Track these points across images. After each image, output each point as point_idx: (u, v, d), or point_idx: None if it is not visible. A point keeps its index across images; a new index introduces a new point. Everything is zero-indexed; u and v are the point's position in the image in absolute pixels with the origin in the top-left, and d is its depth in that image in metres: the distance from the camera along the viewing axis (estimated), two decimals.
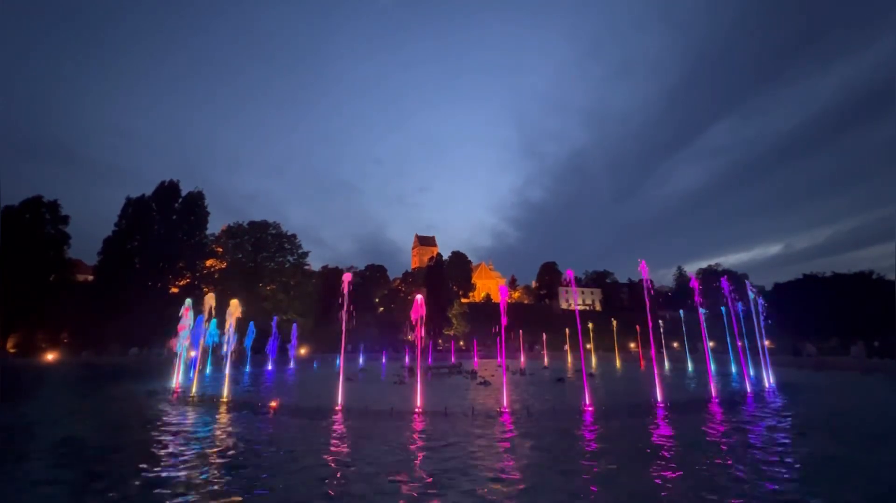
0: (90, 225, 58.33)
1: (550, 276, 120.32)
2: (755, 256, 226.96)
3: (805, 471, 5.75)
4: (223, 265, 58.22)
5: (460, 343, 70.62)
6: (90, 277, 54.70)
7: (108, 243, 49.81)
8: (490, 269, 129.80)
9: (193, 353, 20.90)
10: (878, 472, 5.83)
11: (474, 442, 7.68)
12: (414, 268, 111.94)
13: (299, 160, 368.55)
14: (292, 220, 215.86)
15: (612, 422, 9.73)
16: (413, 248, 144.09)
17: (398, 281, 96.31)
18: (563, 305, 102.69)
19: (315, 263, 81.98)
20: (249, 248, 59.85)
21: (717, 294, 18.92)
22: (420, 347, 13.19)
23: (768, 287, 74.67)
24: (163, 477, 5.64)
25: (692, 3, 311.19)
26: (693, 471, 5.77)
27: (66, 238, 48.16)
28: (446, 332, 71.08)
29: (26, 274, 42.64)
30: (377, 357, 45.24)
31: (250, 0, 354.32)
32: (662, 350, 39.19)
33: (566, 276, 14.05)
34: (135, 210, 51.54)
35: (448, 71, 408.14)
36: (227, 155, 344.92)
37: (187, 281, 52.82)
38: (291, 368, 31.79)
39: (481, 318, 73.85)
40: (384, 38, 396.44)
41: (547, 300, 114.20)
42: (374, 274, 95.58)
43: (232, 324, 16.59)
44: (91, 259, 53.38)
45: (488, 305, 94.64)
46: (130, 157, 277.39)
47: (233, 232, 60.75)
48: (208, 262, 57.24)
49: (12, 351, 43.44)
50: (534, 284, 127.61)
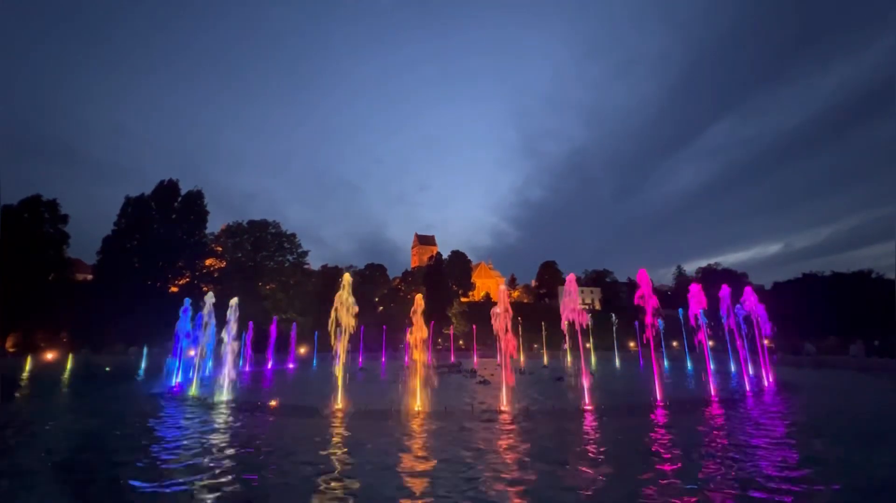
0: (89, 224, 58.32)
1: (550, 276, 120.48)
2: (755, 255, 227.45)
3: (802, 469, 5.75)
4: (223, 264, 58.21)
5: (460, 342, 70.70)
6: (89, 276, 54.66)
7: (108, 242, 49.76)
8: (490, 269, 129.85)
9: (192, 353, 20.90)
10: (874, 471, 5.83)
11: (473, 441, 7.68)
12: (413, 268, 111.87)
13: (299, 159, 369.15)
14: (292, 219, 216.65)
15: (611, 421, 9.73)
16: (413, 248, 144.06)
17: (398, 280, 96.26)
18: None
19: (315, 262, 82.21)
20: (249, 248, 59.91)
21: (717, 295, 18.90)
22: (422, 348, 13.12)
23: (768, 286, 74.71)
24: (161, 476, 5.63)
25: (692, 2, 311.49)
26: (690, 470, 5.77)
27: (65, 237, 48.05)
28: (445, 332, 71.09)
29: (25, 273, 42.58)
30: (377, 356, 45.29)
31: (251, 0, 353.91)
32: (662, 349, 39.25)
33: (568, 285, 13.67)
34: (134, 209, 51.47)
35: (448, 70, 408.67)
36: (227, 154, 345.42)
37: (187, 280, 52.79)
38: (291, 367, 31.80)
39: (481, 318, 73.80)
40: (385, 38, 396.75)
41: (546, 299, 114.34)
42: (374, 273, 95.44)
43: (232, 323, 16.56)
44: (90, 258, 53.39)
45: (488, 304, 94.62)
46: (130, 155, 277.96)
47: (232, 231, 60.78)
48: (208, 262, 57.20)
49: (11, 350, 43.44)
50: (533, 283, 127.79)
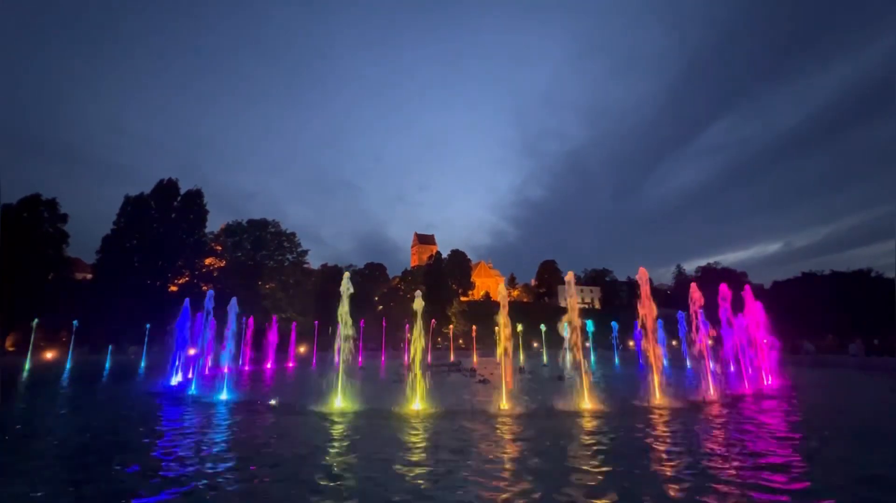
0: (89, 223, 58.31)
1: (549, 275, 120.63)
2: (754, 254, 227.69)
3: (800, 469, 5.76)
4: (222, 263, 58.20)
5: (459, 341, 70.76)
6: (89, 275, 54.64)
7: (107, 241, 49.77)
8: (489, 268, 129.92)
9: (192, 352, 20.91)
10: (871, 470, 5.84)
11: (472, 440, 7.69)
12: (413, 267, 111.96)
13: (299, 158, 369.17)
14: (291, 218, 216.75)
15: (610, 420, 9.75)
16: (412, 247, 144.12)
17: (398, 279, 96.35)
18: (563, 303, 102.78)
19: (314, 262, 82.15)
20: (248, 247, 59.90)
21: (716, 294, 18.92)
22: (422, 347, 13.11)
23: (767, 285, 74.84)
24: (156, 475, 5.63)
25: (691, 2, 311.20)
26: (688, 469, 5.77)
27: (64, 236, 48.07)
28: (445, 331, 71.18)
29: (25, 272, 42.57)
30: (377, 355, 45.32)
31: None
32: (661, 349, 39.26)
33: (567, 282, 13.75)
34: (134, 208, 51.46)
35: (448, 70, 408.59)
36: (227, 153, 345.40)
37: (186, 279, 52.80)
38: (291, 367, 31.82)
39: (481, 317, 73.92)
40: (384, 37, 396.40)
41: (546, 298, 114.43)
42: (374, 272, 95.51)
43: (231, 322, 16.56)
44: (90, 257, 53.41)
45: (487, 303, 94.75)
46: (130, 155, 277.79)
47: (232, 230, 60.76)
48: (207, 261, 57.19)
49: (11, 349, 43.44)
50: (533, 282, 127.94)
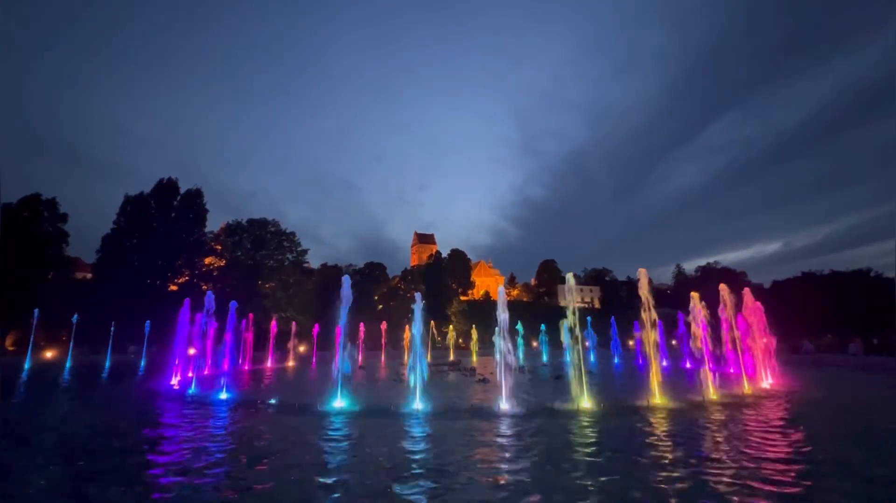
0: (89, 222, 58.32)
1: (549, 274, 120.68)
2: (754, 254, 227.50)
3: (800, 469, 5.77)
4: (222, 263, 58.17)
5: (459, 340, 70.77)
6: (89, 275, 54.61)
7: (107, 241, 49.72)
8: (489, 267, 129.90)
9: (192, 351, 20.93)
10: (871, 470, 5.86)
11: (472, 439, 7.70)
12: (413, 266, 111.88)
13: (299, 158, 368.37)
14: (291, 217, 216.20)
15: (609, 419, 9.76)
16: (412, 246, 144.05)
17: (397, 279, 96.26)
18: (562, 303, 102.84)
19: (314, 261, 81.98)
20: (248, 246, 59.82)
21: (716, 294, 18.93)
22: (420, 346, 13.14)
23: (767, 284, 74.82)
24: (155, 474, 5.64)
25: (691, 1, 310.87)
26: (687, 469, 5.79)
27: (64, 236, 48.04)
28: (445, 330, 71.16)
29: (25, 271, 42.56)
30: (376, 354, 45.35)
31: None
32: (661, 348, 39.29)
33: (566, 280, 13.79)
34: (133, 207, 51.42)
35: (448, 69, 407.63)
36: (227, 153, 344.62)
37: (186, 279, 52.76)
38: (291, 366, 31.84)
39: (481, 316, 73.90)
40: (384, 36, 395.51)
41: (546, 298, 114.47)
42: (374, 272, 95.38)
43: (232, 321, 16.59)
44: (90, 257, 53.35)
45: (487, 303, 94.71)
46: (129, 154, 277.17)
47: (232, 229, 60.68)
48: (207, 260, 57.15)
49: (11, 349, 43.43)
50: (533, 282, 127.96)
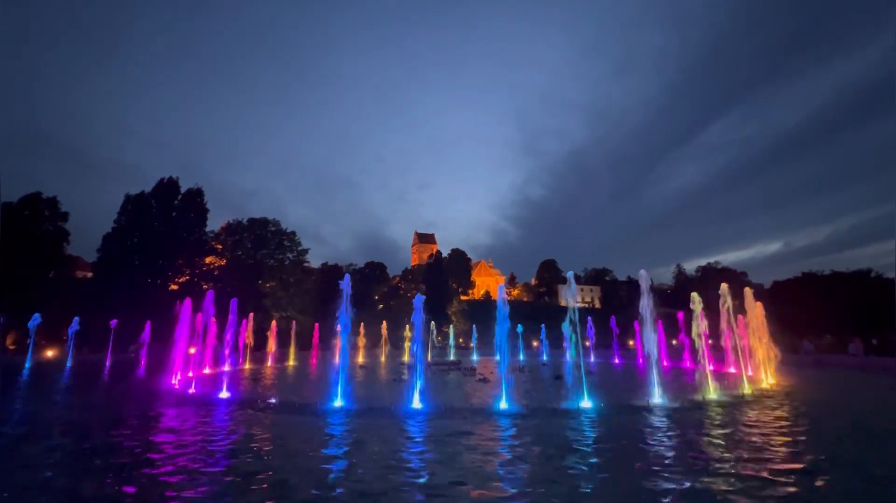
0: (90, 221, 58.35)
1: (550, 274, 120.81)
2: (754, 254, 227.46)
3: (802, 468, 5.79)
4: (223, 262, 58.24)
5: (459, 340, 70.80)
6: (89, 274, 54.65)
7: (108, 240, 49.74)
8: (490, 267, 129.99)
9: (193, 351, 20.97)
10: (873, 469, 5.87)
11: (472, 438, 7.72)
12: (413, 266, 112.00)
13: (300, 157, 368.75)
14: (292, 217, 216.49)
15: (609, 419, 9.78)
16: (413, 246, 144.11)
17: (398, 278, 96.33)
18: (563, 303, 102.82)
19: (315, 261, 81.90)
20: (249, 245, 59.89)
21: (716, 294, 18.93)
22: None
23: (767, 285, 74.80)
24: (155, 473, 5.66)
25: (691, 1, 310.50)
26: (688, 470, 5.80)
27: (65, 234, 48.08)
28: (445, 330, 71.18)
29: (25, 270, 42.59)
30: (377, 354, 45.41)
31: None
32: (661, 348, 39.32)
33: (568, 279, 13.78)
34: (134, 207, 51.43)
35: (449, 68, 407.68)
36: (228, 152, 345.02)
37: (187, 278, 52.80)
38: (291, 365, 31.88)
39: (481, 316, 73.94)
40: (386, 37, 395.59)
41: (546, 297, 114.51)
42: (374, 271, 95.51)
43: (232, 321, 16.61)
44: (90, 256, 53.35)
45: (488, 303, 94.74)
46: (131, 153, 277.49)
47: (232, 229, 60.74)
48: (208, 259, 57.20)
49: (11, 347, 43.48)
50: (533, 282, 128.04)
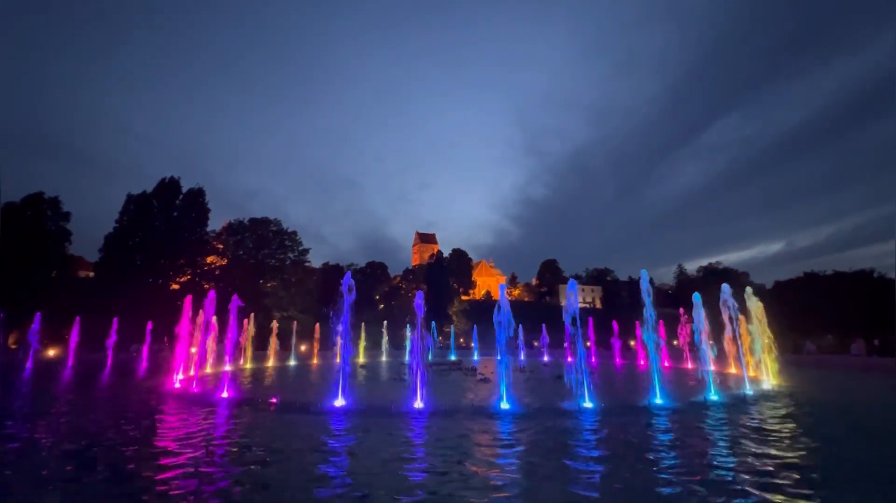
0: (91, 221, 58.51)
1: (551, 274, 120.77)
2: (756, 254, 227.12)
3: (811, 467, 5.77)
4: (224, 262, 58.36)
5: (460, 340, 70.82)
6: (91, 274, 54.81)
7: (110, 240, 49.89)
8: (491, 267, 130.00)
9: (194, 350, 21.00)
10: (883, 470, 5.85)
11: (472, 438, 7.71)
12: (414, 266, 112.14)
13: (300, 157, 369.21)
14: (293, 217, 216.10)
15: (610, 420, 9.76)
16: (414, 246, 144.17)
17: (399, 278, 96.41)
18: (563, 303, 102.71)
19: (316, 260, 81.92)
20: (250, 245, 60.02)
21: (717, 294, 18.92)
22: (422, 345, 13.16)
23: (769, 285, 74.66)
24: (154, 473, 5.67)
25: (693, 1, 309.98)
26: (688, 470, 5.79)
27: (67, 234, 48.21)
28: (446, 330, 71.21)
29: (27, 270, 42.72)
30: (378, 354, 45.39)
31: None
32: (662, 349, 39.28)
33: (569, 281, 13.90)
34: (136, 206, 51.58)
35: (451, 68, 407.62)
36: (229, 152, 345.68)
37: (188, 277, 52.91)
38: (292, 365, 31.94)
39: (482, 316, 73.89)
40: (387, 36, 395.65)
41: (547, 297, 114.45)
42: (375, 271, 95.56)
43: (233, 320, 16.62)
44: (92, 255, 53.51)
45: (489, 303, 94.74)
46: (132, 153, 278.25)
47: (234, 229, 60.89)
48: (209, 259, 57.33)
49: (13, 346, 43.59)
50: (534, 282, 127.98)
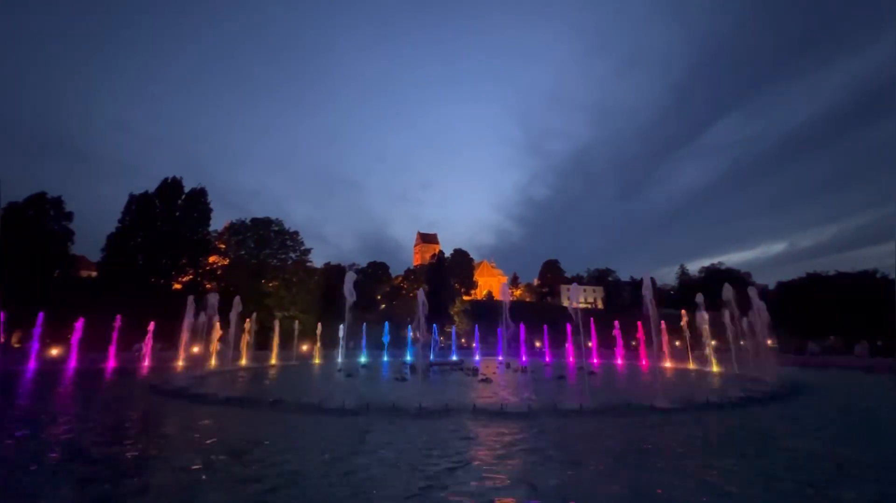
0: (94, 221, 58.72)
1: (552, 274, 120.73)
2: (759, 255, 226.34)
3: (809, 471, 5.74)
4: (226, 261, 58.49)
5: (462, 340, 70.80)
6: (94, 273, 55.02)
7: (112, 239, 50.09)
8: (492, 267, 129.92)
9: (196, 349, 21.08)
10: (884, 473, 5.81)
11: (473, 438, 7.69)
12: (416, 266, 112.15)
13: (302, 157, 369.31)
14: (295, 216, 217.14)
15: (611, 419, 9.73)
16: (415, 246, 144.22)
17: (400, 278, 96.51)
18: (565, 303, 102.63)
19: (317, 260, 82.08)
20: (252, 245, 60.08)
21: (720, 295, 18.92)
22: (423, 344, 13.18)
23: (772, 285, 74.48)
24: (154, 471, 5.67)
25: (697, 0, 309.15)
26: (691, 470, 5.76)
27: (69, 234, 48.46)
28: (447, 330, 71.19)
29: (30, 269, 42.91)
30: (379, 354, 45.40)
31: None
32: (663, 349, 39.15)
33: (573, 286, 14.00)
34: (138, 206, 51.79)
35: (452, 67, 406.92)
36: (230, 152, 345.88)
37: (190, 277, 53.07)
38: (294, 364, 31.95)
39: (483, 316, 73.90)
40: (388, 35, 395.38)
41: (549, 298, 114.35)
42: (377, 271, 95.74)
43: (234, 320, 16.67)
44: (95, 255, 53.75)
45: (490, 303, 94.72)
46: (134, 153, 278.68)
47: (235, 228, 60.99)
48: (211, 259, 57.52)
49: (17, 346, 43.78)
50: (536, 282, 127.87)
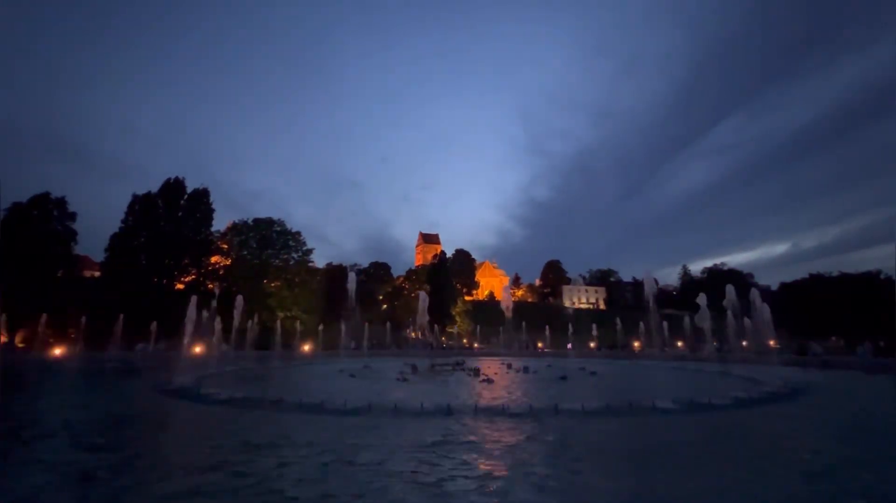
0: (97, 221, 59.07)
1: (554, 275, 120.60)
2: (761, 255, 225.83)
3: (809, 471, 5.73)
4: (228, 262, 58.69)
5: (463, 341, 70.83)
6: (97, 273, 55.27)
7: (115, 239, 50.34)
8: (494, 267, 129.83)
9: (199, 349, 21.13)
10: (887, 473, 5.80)
11: (474, 438, 7.70)
12: (418, 266, 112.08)
13: (304, 158, 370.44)
14: (297, 217, 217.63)
15: (613, 419, 9.71)
16: (417, 246, 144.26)
17: (402, 278, 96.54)
18: (567, 303, 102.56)
19: (319, 261, 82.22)
20: (254, 245, 60.27)
21: (722, 296, 18.88)
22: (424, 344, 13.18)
23: (774, 286, 74.27)
24: (154, 471, 5.70)
25: (700, 0, 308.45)
26: (694, 471, 5.76)
27: (73, 234, 48.76)
28: (449, 330, 71.25)
29: (34, 269, 43.14)
30: (380, 353, 45.53)
31: None
32: (665, 349, 39.14)
33: (575, 278, 13.94)
34: (141, 206, 52.03)
35: (454, 68, 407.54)
36: (233, 152, 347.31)
37: (193, 277, 53.29)
38: (295, 364, 31.99)
39: (485, 316, 73.91)
40: (390, 36, 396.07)
41: (551, 298, 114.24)
42: (378, 271, 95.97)
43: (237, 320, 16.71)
44: (98, 255, 54.08)
45: (492, 303, 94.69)
46: (137, 153, 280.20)
47: (238, 229, 61.21)
48: (213, 259, 57.73)
49: (20, 345, 44.02)
50: (538, 282, 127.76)
